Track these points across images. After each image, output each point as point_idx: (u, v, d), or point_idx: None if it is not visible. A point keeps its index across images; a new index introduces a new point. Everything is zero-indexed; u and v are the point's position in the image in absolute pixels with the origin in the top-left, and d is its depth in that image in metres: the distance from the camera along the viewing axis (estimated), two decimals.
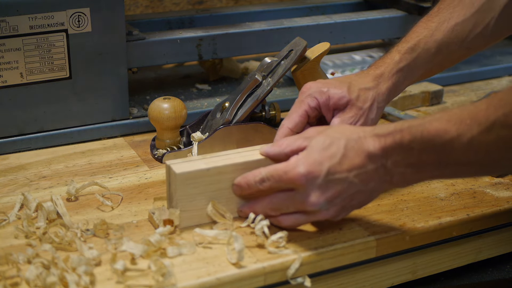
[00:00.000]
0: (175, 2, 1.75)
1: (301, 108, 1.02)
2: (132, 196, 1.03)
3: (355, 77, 1.05)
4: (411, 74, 1.07)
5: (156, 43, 1.25)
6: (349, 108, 1.02)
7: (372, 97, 1.02)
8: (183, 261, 0.87)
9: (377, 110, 1.03)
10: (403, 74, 1.06)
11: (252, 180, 0.92)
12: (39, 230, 0.91)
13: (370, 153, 0.86)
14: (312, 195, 0.87)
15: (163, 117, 1.11)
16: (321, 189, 0.87)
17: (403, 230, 0.95)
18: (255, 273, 0.86)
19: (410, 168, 0.86)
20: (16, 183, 1.06)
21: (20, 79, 1.14)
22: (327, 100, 1.02)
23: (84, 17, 1.14)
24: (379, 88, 1.04)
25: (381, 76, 1.05)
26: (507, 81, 1.54)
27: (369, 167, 0.87)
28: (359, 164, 0.87)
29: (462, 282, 1.04)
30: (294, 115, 1.02)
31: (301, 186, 0.87)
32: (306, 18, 1.41)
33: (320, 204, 0.88)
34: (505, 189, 1.06)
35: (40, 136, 1.18)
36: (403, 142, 0.85)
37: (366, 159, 0.86)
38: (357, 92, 1.02)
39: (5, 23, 1.10)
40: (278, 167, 0.89)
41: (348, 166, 0.87)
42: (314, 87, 1.03)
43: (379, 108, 1.04)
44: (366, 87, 1.03)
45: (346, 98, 1.01)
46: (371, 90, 1.03)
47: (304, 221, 0.92)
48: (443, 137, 0.82)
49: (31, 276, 0.81)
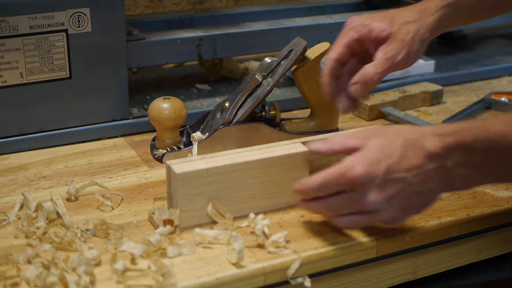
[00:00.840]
0: (175, 2, 1.75)
1: (344, 40, 1.05)
2: (132, 196, 1.03)
3: (400, 11, 1.07)
4: (458, 11, 1.07)
5: (156, 43, 1.25)
6: (390, 40, 1.04)
7: (414, 29, 1.04)
8: (183, 261, 0.87)
9: (420, 42, 1.04)
10: (449, 10, 1.06)
11: (309, 189, 0.89)
12: (39, 230, 0.92)
13: (430, 152, 0.85)
14: (371, 193, 0.85)
15: (163, 117, 1.11)
16: (379, 188, 0.85)
17: (403, 230, 0.95)
18: (255, 273, 0.86)
19: (471, 170, 0.85)
20: (16, 183, 1.06)
21: (20, 79, 1.14)
22: (368, 33, 1.04)
23: (84, 17, 1.15)
24: (422, 21, 1.05)
25: (426, 10, 1.06)
26: (507, 81, 1.54)
27: (428, 167, 0.85)
28: (418, 164, 0.85)
29: (462, 282, 1.04)
30: (337, 47, 1.05)
31: (359, 186, 0.85)
32: (306, 18, 1.41)
33: (378, 202, 0.85)
34: (505, 189, 1.06)
35: (40, 136, 1.18)
36: (465, 142, 0.84)
37: (426, 159, 0.85)
38: (398, 25, 1.04)
39: (5, 23, 1.10)
40: (333, 171, 0.86)
41: (407, 166, 0.85)
42: (357, 20, 1.06)
43: (422, 40, 1.04)
44: (408, 20, 1.04)
45: (387, 31, 1.04)
46: (414, 23, 1.04)
47: (362, 222, 0.89)
48: (507, 138, 0.82)
49: (31, 276, 0.81)
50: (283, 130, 1.19)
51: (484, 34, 1.77)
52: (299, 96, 1.33)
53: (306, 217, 0.98)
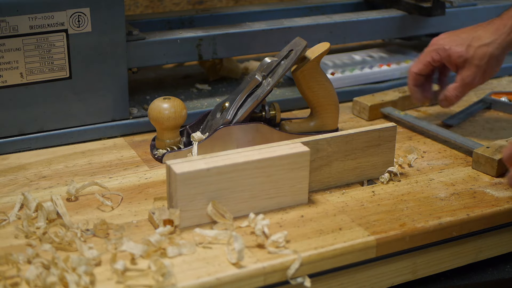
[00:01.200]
0: (175, 2, 1.75)
1: (426, 59, 1.22)
2: (132, 196, 1.03)
3: (479, 32, 1.19)
4: None
5: (156, 43, 1.25)
6: (467, 67, 1.18)
7: (490, 53, 1.17)
8: (183, 261, 0.87)
9: (495, 61, 1.18)
10: None
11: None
12: (39, 230, 0.92)
13: None
14: None
15: (163, 117, 1.11)
16: None
17: (403, 230, 0.95)
18: (255, 273, 0.86)
19: None
20: (16, 183, 1.06)
21: (20, 79, 1.14)
22: (448, 57, 1.20)
23: (84, 17, 1.15)
24: (497, 43, 1.17)
25: (502, 29, 1.18)
26: (507, 81, 1.54)
27: None
28: None
29: (462, 282, 1.04)
30: (420, 64, 1.23)
31: None
32: (306, 18, 1.41)
33: None
34: (505, 189, 1.06)
35: (40, 136, 1.18)
36: None
37: None
38: (474, 49, 1.17)
39: (5, 23, 1.10)
40: None
41: None
42: (440, 42, 1.21)
43: (499, 60, 1.18)
44: (484, 43, 1.17)
45: (464, 57, 1.18)
46: (489, 45, 1.17)
47: None
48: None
49: (31, 276, 0.81)
50: (283, 130, 1.19)
51: None
52: (299, 96, 1.33)
53: (306, 217, 0.98)
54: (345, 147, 1.05)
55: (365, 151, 1.07)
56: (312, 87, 1.17)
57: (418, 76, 1.23)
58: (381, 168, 1.09)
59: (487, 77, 1.20)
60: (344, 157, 1.06)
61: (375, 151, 1.08)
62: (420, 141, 1.24)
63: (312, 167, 1.02)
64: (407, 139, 1.24)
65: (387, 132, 1.07)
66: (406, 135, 1.26)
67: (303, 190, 1.00)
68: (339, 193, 1.05)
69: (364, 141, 1.06)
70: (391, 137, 1.08)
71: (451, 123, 1.30)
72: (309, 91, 1.18)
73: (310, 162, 1.00)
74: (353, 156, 1.06)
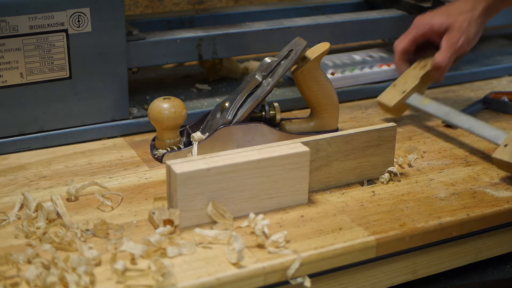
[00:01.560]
0: (175, 2, 1.75)
1: (410, 34, 1.30)
2: (132, 196, 1.03)
3: (456, 4, 1.29)
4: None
5: (156, 43, 1.25)
6: (450, 30, 1.26)
7: (469, 17, 1.26)
8: (183, 261, 0.87)
9: (477, 25, 1.27)
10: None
11: None
12: (39, 230, 0.92)
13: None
14: None
15: (163, 117, 1.11)
16: None
17: (403, 230, 0.95)
18: (255, 273, 0.86)
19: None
20: (16, 183, 1.06)
21: (20, 79, 1.14)
22: (430, 29, 1.28)
23: (84, 17, 1.15)
24: (476, 9, 1.27)
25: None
26: (507, 81, 1.54)
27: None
28: None
29: (462, 282, 1.04)
30: (405, 40, 1.30)
31: None
32: (306, 18, 1.41)
33: None
34: (505, 189, 1.06)
35: (40, 136, 1.18)
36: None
37: None
38: (455, 16, 1.26)
39: (5, 23, 1.10)
40: None
41: None
42: (421, 18, 1.30)
43: (479, 24, 1.27)
44: (463, 10, 1.27)
45: (445, 24, 1.26)
46: (468, 12, 1.26)
47: None
48: None
49: (31, 276, 0.81)
50: (283, 130, 1.19)
51: (484, 34, 1.75)
52: (299, 96, 1.33)
53: (306, 217, 0.98)
54: (345, 147, 1.05)
55: (365, 151, 1.07)
56: (312, 87, 1.17)
57: (405, 52, 1.30)
58: (381, 168, 1.09)
59: (470, 43, 1.27)
60: (344, 157, 1.06)
61: (375, 151, 1.08)
62: (420, 141, 1.24)
63: (312, 167, 1.02)
64: (407, 139, 1.25)
65: (387, 132, 1.07)
66: (406, 135, 1.26)
67: (303, 190, 1.00)
68: (339, 193, 1.05)
69: (364, 141, 1.06)
70: (391, 137, 1.08)
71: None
72: (309, 91, 1.18)
73: (310, 162, 1.00)
74: (353, 156, 1.06)
